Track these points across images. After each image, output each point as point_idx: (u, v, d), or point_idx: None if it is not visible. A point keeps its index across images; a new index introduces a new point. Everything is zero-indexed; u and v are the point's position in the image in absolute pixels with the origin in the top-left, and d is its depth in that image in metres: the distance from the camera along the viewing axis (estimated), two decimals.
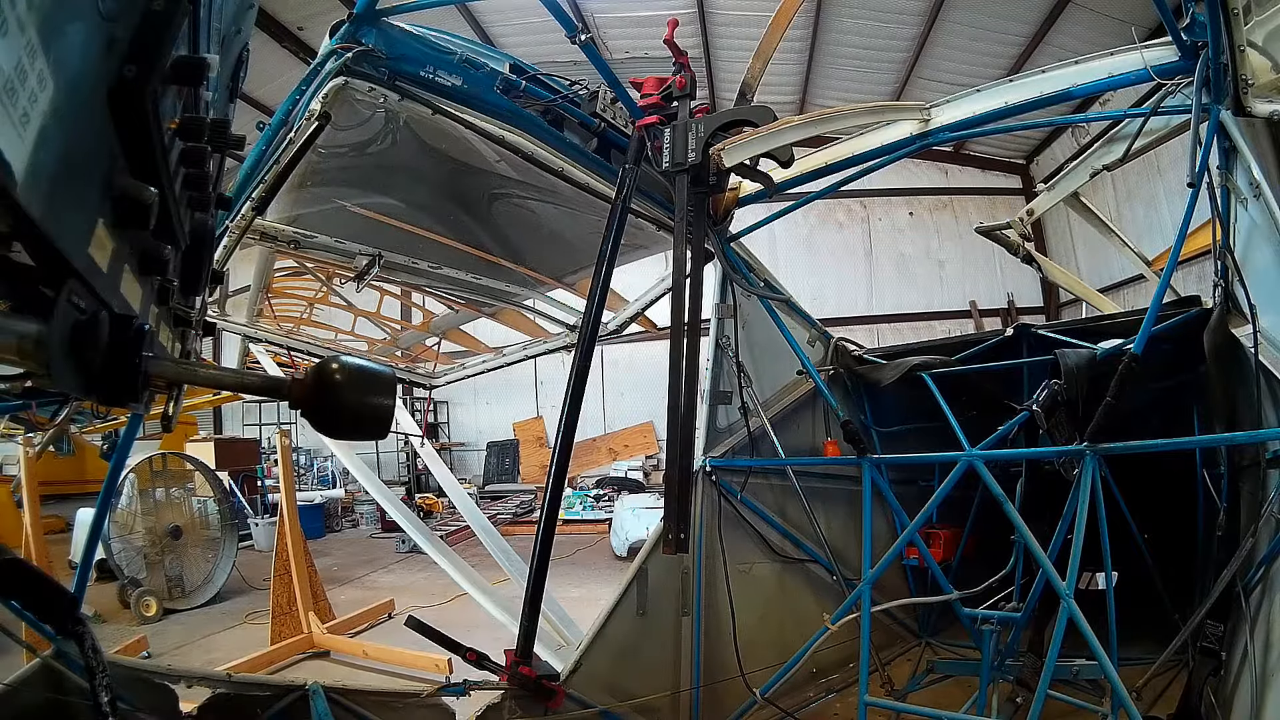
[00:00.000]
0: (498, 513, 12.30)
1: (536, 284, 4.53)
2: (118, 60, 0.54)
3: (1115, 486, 3.41)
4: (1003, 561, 3.56)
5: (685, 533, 1.34)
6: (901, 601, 4.06)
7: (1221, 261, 2.89)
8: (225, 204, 1.09)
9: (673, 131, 1.91)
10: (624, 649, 3.30)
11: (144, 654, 5.55)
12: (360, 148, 3.15)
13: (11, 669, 2.36)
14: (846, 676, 3.96)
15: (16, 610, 1.52)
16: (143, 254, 0.70)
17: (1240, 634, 2.59)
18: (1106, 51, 2.94)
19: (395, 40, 2.55)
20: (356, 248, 3.68)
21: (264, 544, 9.47)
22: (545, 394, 16.62)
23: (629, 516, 9.37)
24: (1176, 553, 3.72)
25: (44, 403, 2.37)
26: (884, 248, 15.63)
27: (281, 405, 14.33)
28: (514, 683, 2.50)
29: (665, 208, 3.19)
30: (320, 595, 6.04)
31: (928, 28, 11.23)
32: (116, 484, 5.08)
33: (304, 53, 11.15)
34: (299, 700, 2.64)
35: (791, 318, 4.03)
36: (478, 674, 2.64)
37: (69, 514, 7.97)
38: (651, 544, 3.46)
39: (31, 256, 0.48)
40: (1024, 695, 3.31)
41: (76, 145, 0.48)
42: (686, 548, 1.38)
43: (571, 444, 2.46)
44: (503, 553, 4.23)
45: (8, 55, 0.36)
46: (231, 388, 0.95)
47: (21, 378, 0.78)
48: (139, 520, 6.91)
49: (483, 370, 5.89)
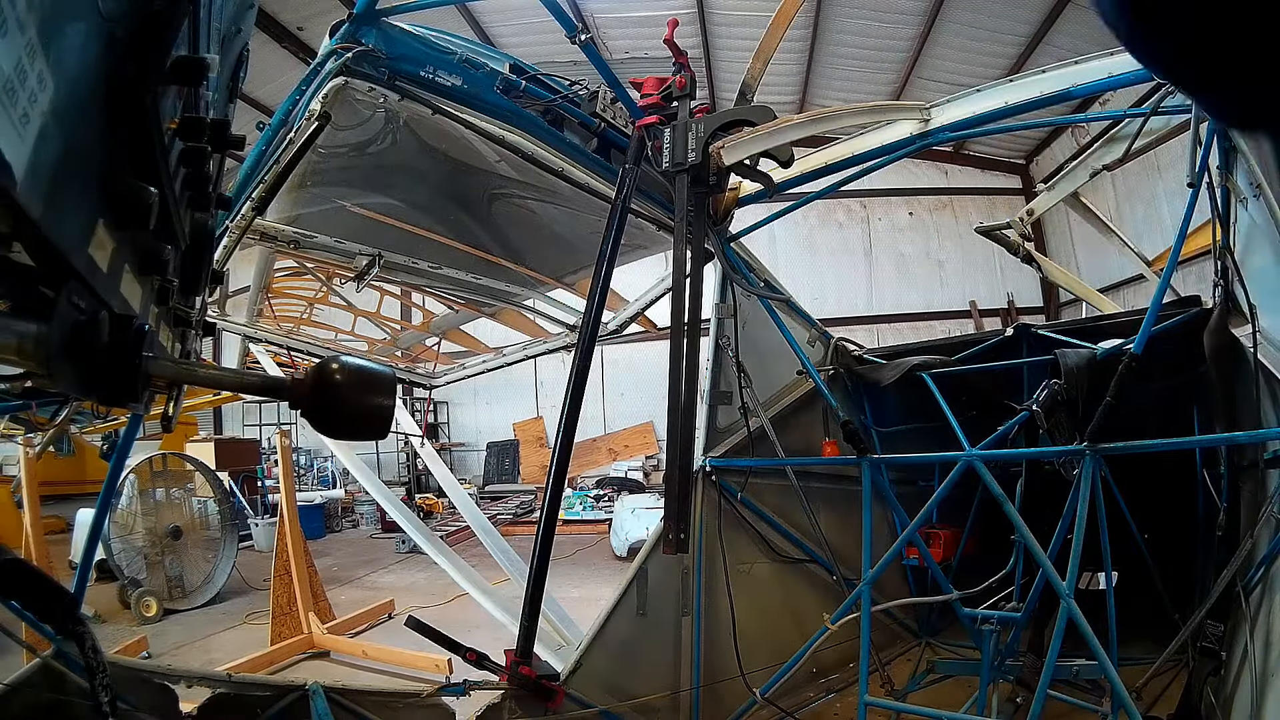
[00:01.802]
0: (498, 513, 12.30)
1: (536, 284, 4.53)
2: (118, 60, 0.54)
3: (1115, 486, 3.41)
4: (1003, 561, 3.56)
5: (685, 533, 1.33)
6: (901, 601, 4.06)
7: (1221, 261, 2.89)
8: (225, 204, 1.09)
9: (673, 131, 1.91)
10: (624, 649, 3.30)
11: (144, 654, 5.56)
12: (360, 148, 3.15)
13: (11, 669, 2.36)
14: (846, 676, 3.96)
15: (16, 610, 1.52)
16: (143, 254, 0.70)
17: (1240, 634, 2.59)
18: (1106, 51, 2.94)
19: (395, 40, 2.55)
20: (356, 248, 3.68)
21: (264, 544, 9.47)
22: (545, 394, 16.62)
23: (629, 516, 9.37)
24: (1176, 553, 3.71)
25: (44, 403, 2.37)
26: (884, 248, 15.62)
27: (281, 405, 14.32)
28: (514, 683, 2.50)
29: (665, 208, 3.19)
30: (320, 595, 6.04)
31: (928, 28, 11.22)
32: (116, 484, 5.07)
33: (304, 53, 11.15)
34: (299, 700, 2.64)
35: (791, 318, 4.03)
36: (478, 674, 2.64)
37: (69, 514, 7.97)
38: (651, 544, 3.46)
39: (31, 256, 0.48)
40: (1024, 695, 3.31)
41: (76, 145, 0.48)
42: (687, 548, 1.38)
43: (571, 444, 2.46)
44: (503, 553, 4.23)
45: (8, 55, 0.36)
46: (231, 388, 0.95)
47: (21, 378, 0.78)
48: (139, 520, 6.91)
49: (483, 370, 5.89)
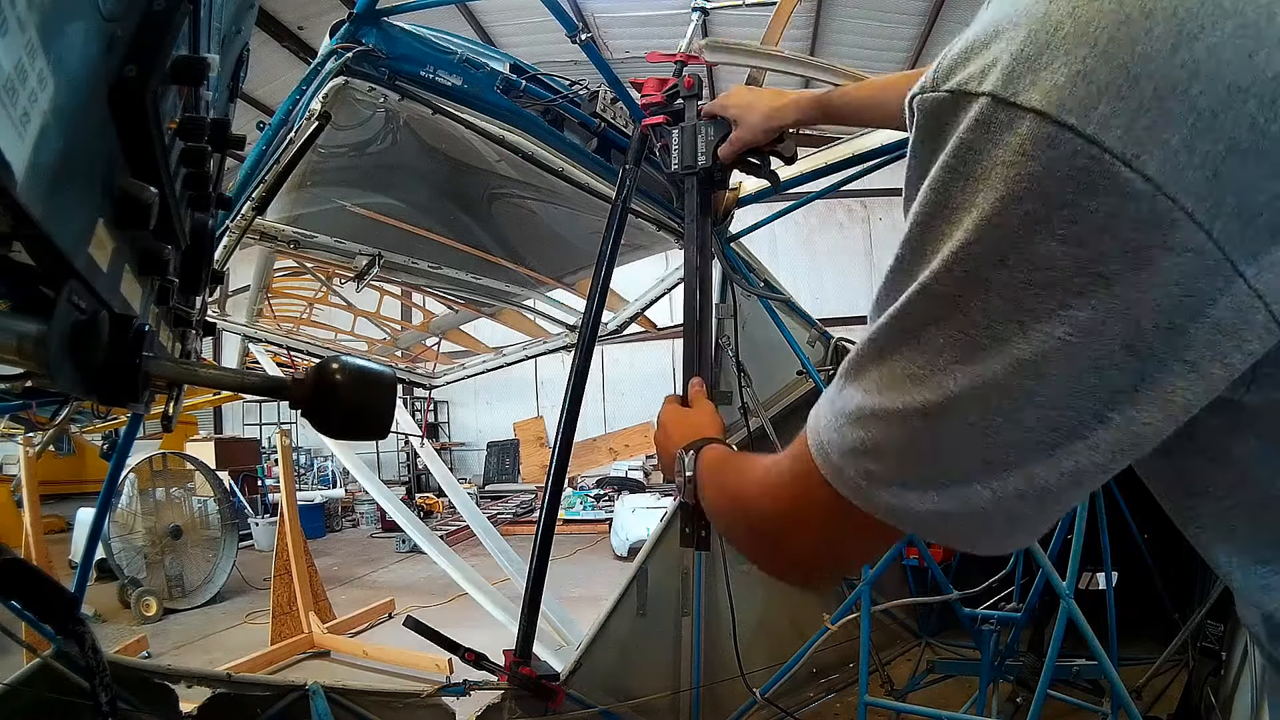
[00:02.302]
0: (498, 512, 12.29)
1: (536, 284, 4.53)
2: (118, 60, 0.54)
3: (1115, 486, 3.41)
4: (1003, 561, 3.56)
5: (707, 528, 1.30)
6: (901, 601, 4.06)
7: None
8: (225, 204, 1.09)
9: (681, 133, 1.90)
10: (624, 649, 3.30)
11: (144, 654, 5.56)
12: (360, 148, 3.14)
13: (11, 669, 2.36)
14: (846, 676, 3.96)
15: (16, 610, 1.52)
16: (143, 254, 0.70)
17: (1240, 634, 2.59)
18: None
19: (395, 40, 2.55)
20: (356, 248, 3.67)
21: (264, 544, 9.46)
22: (545, 394, 16.62)
23: (629, 516, 9.36)
24: (1176, 553, 3.71)
25: (44, 403, 2.37)
26: (884, 248, 15.62)
27: (281, 405, 14.32)
28: (514, 683, 2.49)
29: (665, 207, 3.19)
30: (320, 595, 6.04)
31: (928, 28, 11.22)
32: (116, 484, 5.07)
33: (304, 53, 11.14)
34: (299, 700, 2.64)
35: (791, 318, 4.03)
36: (477, 674, 2.64)
37: (69, 514, 7.97)
38: (652, 544, 3.47)
39: (31, 256, 0.48)
40: (1024, 695, 3.31)
41: (77, 145, 0.48)
42: (709, 545, 1.35)
43: (571, 444, 2.46)
44: (503, 553, 4.23)
45: (8, 55, 0.36)
46: (231, 388, 0.95)
47: (21, 378, 0.78)
48: (139, 520, 6.91)
49: (483, 370, 5.88)
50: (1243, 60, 0.38)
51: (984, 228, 0.42)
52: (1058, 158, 0.40)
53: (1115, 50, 0.39)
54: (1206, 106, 0.38)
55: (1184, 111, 0.38)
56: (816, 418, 0.58)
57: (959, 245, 0.43)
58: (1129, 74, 0.39)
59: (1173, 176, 0.39)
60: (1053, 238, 0.41)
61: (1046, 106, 0.40)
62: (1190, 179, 0.39)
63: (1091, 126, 0.39)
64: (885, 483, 0.51)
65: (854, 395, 0.52)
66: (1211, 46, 0.38)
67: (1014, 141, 0.41)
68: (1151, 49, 0.38)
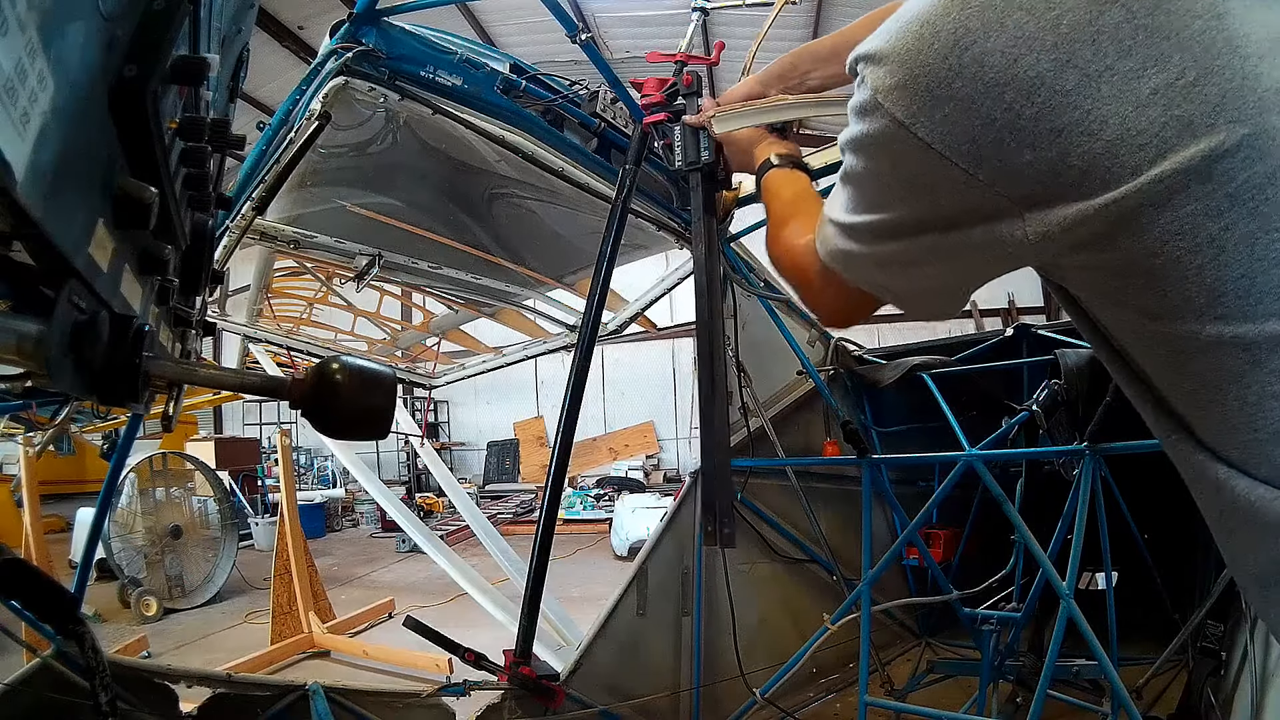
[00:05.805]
0: (498, 512, 12.30)
1: (536, 284, 4.52)
2: (118, 60, 0.54)
3: (1115, 486, 3.41)
4: (1003, 561, 3.56)
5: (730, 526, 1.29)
6: (901, 601, 4.06)
7: None
8: (225, 204, 1.09)
9: (683, 130, 1.90)
10: (624, 649, 3.30)
11: (144, 654, 5.56)
12: (360, 148, 3.14)
13: (11, 669, 2.36)
14: (846, 676, 3.96)
15: (16, 610, 1.52)
16: (143, 254, 0.70)
17: (1240, 634, 2.59)
18: None
19: (395, 40, 2.54)
20: (356, 248, 3.67)
21: (264, 543, 9.47)
22: (545, 394, 16.62)
23: (629, 516, 9.36)
24: (1176, 553, 3.72)
25: (44, 403, 2.37)
26: None
27: (281, 405, 14.33)
28: (514, 683, 2.49)
29: (665, 207, 3.19)
30: (320, 595, 6.04)
31: None
32: (116, 484, 5.07)
33: (304, 53, 11.14)
34: (299, 700, 2.64)
35: (791, 318, 4.03)
36: (477, 674, 2.64)
37: (69, 514, 7.97)
38: (652, 544, 3.47)
39: (32, 256, 0.48)
40: (1024, 695, 3.31)
41: (77, 145, 0.48)
42: (733, 542, 1.35)
43: (571, 444, 2.46)
44: (502, 553, 4.23)
45: (8, 55, 0.36)
46: (231, 388, 0.95)
47: (21, 378, 0.78)
48: (139, 520, 6.91)
49: (483, 370, 5.88)
50: (1007, 64, 0.58)
51: (858, 155, 0.75)
52: (880, 123, 0.67)
53: (909, 59, 0.63)
54: (966, 95, 0.60)
55: (946, 97, 0.61)
56: (820, 226, 0.90)
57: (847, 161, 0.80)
58: (913, 75, 0.63)
59: (938, 138, 0.63)
60: (884, 163, 0.71)
61: (876, 95, 0.66)
62: (954, 139, 0.63)
63: (890, 108, 0.65)
64: (839, 250, 0.86)
65: (825, 214, 0.87)
66: (978, 54, 0.59)
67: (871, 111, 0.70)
68: (930, 58, 0.62)
